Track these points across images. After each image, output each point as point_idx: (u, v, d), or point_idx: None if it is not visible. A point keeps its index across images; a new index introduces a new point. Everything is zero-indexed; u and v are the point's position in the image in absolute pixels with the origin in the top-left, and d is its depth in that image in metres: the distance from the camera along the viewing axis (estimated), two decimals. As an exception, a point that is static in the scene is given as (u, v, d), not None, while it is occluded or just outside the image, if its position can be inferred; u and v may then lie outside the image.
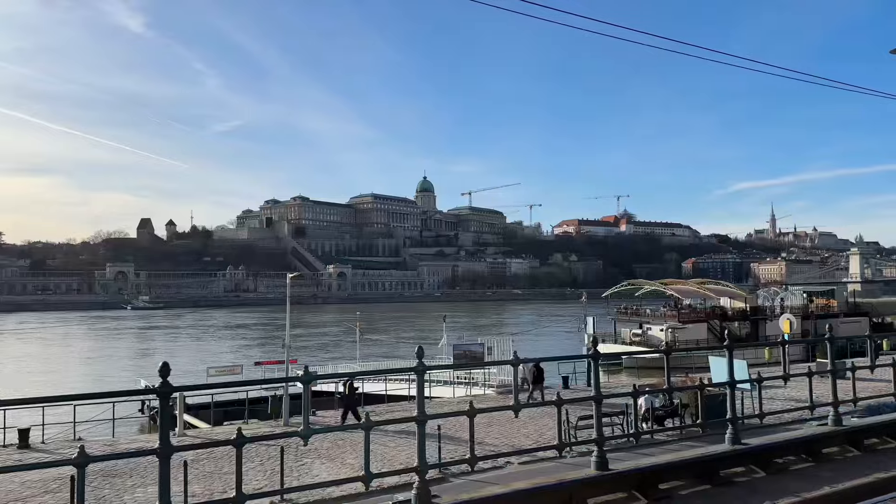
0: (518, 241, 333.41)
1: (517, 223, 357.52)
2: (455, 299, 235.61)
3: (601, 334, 56.97)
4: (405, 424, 6.51)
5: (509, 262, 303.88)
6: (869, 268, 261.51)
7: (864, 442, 9.93)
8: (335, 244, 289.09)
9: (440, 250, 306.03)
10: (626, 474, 7.63)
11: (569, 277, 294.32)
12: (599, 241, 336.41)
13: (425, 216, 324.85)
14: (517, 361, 8.26)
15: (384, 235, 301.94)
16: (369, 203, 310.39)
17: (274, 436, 8.02)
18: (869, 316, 59.64)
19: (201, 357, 63.80)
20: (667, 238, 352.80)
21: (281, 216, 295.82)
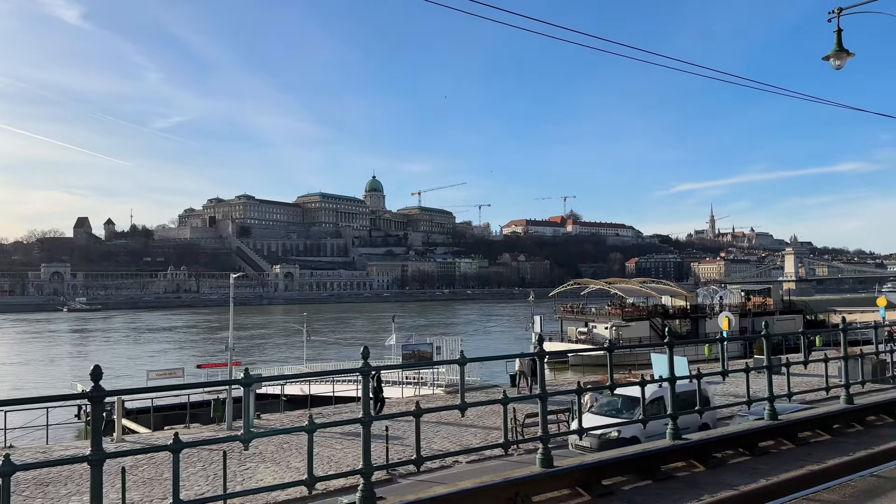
0: (467, 240, 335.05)
1: (466, 223, 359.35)
2: (404, 299, 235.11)
3: (548, 333, 57.74)
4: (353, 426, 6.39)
5: (458, 262, 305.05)
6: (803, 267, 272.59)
7: (797, 435, 10.27)
8: (282, 244, 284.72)
9: (389, 250, 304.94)
10: (570, 471, 7.70)
11: (517, 277, 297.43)
12: (547, 241, 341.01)
13: (374, 216, 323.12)
14: (464, 360, 8.24)
15: (332, 235, 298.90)
16: (317, 202, 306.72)
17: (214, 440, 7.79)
18: (803, 313, 62.02)
19: (141, 360, 61.93)
20: (611, 238, 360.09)
21: (225, 215, 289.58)
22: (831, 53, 15.68)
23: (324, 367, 39.23)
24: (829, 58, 15.70)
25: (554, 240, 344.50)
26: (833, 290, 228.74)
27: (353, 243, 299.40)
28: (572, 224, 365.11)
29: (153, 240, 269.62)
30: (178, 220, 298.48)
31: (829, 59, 15.76)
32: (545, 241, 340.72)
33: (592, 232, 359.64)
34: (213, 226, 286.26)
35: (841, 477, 6.90)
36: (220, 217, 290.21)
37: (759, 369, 12.01)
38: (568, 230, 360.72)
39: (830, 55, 15.67)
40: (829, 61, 15.78)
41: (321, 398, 31.50)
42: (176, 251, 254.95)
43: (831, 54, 15.67)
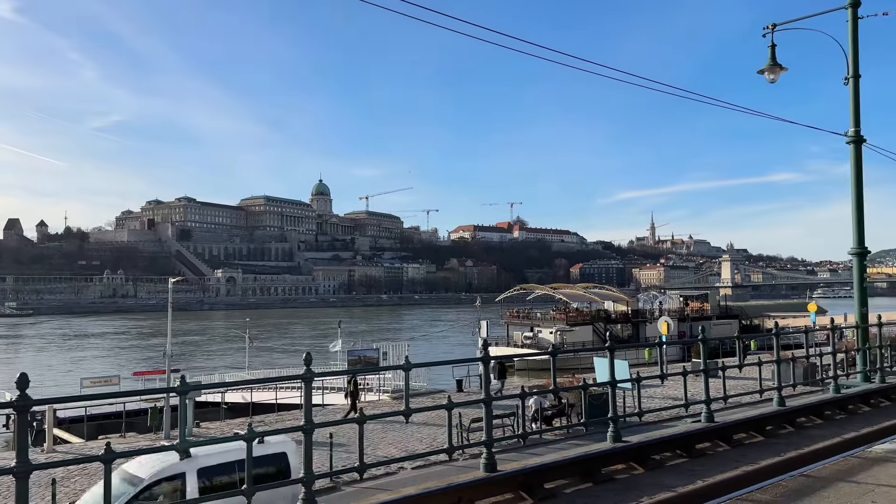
0: (415, 245, 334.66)
1: (414, 228, 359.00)
2: (351, 304, 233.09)
3: (494, 337, 58.09)
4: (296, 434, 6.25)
5: (406, 267, 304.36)
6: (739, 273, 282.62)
7: (733, 437, 10.59)
8: (224, 247, 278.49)
9: (336, 255, 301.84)
10: (513, 475, 7.74)
11: (465, 282, 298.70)
12: (494, 246, 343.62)
13: (321, 220, 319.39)
14: (408, 366, 8.20)
15: (277, 239, 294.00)
16: (261, 205, 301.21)
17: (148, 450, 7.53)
18: (738, 318, 64.02)
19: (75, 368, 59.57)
20: (556, 244, 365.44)
21: (165, 217, 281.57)
22: (766, 67, 16.33)
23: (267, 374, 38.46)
24: (764, 71, 16.35)
25: (501, 245, 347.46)
26: (767, 295, 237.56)
27: (299, 247, 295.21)
28: (519, 230, 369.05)
29: (89, 243, 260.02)
30: (115, 222, 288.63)
31: (764, 73, 16.41)
32: (492, 246, 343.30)
33: (538, 238, 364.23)
34: (151, 228, 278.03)
35: (773, 477, 7.12)
36: (159, 219, 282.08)
37: (696, 373, 12.34)
38: (515, 236, 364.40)
39: (765, 69, 16.31)
40: (764, 75, 16.44)
41: (264, 406, 30.91)
42: (113, 254, 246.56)
43: (766, 68, 16.31)
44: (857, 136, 16.48)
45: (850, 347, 18.95)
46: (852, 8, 16.12)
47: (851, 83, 16.40)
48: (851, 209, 16.75)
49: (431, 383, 33.94)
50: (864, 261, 16.96)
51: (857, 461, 7.43)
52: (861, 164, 16.64)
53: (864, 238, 16.73)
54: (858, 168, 16.63)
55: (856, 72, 16.34)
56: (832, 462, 7.42)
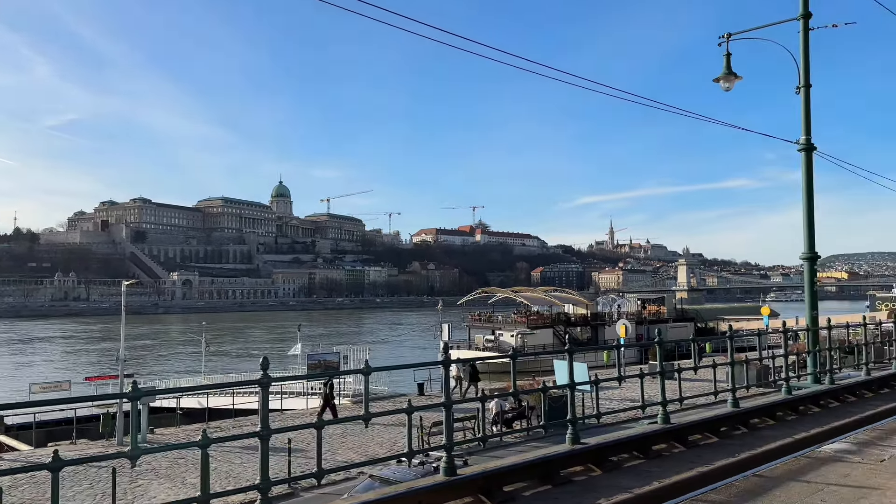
0: (377, 248, 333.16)
1: (376, 231, 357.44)
2: (311, 308, 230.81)
3: (456, 341, 58.15)
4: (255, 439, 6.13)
5: (368, 270, 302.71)
6: (694, 277, 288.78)
7: (688, 438, 10.76)
8: (180, 250, 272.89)
9: (296, 257, 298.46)
10: (473, 478, 7.73)
11: (427, 285, 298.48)
12: (456, 249, 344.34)
13: (281, 222, 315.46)
14: (368, 370, 8.12)
15: (235, 241, 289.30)
16: (219, 207, 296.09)
17: (97, 458, 7.29)
18: (694, 321, 65.27)
19: (24, 373, 57.64)
20: (518, 248, 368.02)
21: (119, 219, 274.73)
22: (721, 76, 16.70)
23: (224, 379, 37.81)
24: (719, 80, 16.72)
25: (463, 249, 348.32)
26: (722, 299, 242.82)
27: (258, 250, 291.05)
28: (481, 233, 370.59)
29: (39, 244, 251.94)
30: (67, 223, 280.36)
31: (719, 81, 16.78)
32: (454, 249, 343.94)
33: (500, 242, 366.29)
34: (105, 230, 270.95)
35: (727, 477, 7.25)
36: (113, 221, 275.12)
37: (653, 374, 12.53)
38: (477, 239, 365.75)
39: (720, 77, 16.68)
40: (720, 83, 16.82)
41: (220, 411, 30.37)
42: (64, 256, 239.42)
43: (721, 76, 16.68)
44: (808, 144, 16.97)
45: (801, 350, 19.47)
46: (804, 19, 16.61)
47: (803, 92, 16.88)
48: (802, 215, 17.23)
49: (393, 387, 33.79)
50: (814, 265, 17.46)
51: (807, 461, 7.62)
52: (812, 172, 17.13)
53: (814, 243, 17.22)
54: (809, 175, 17.12)
55: (807, 81, 16.82)
56: (783, 462, 7.59)
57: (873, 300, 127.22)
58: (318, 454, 7.55)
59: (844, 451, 8.03)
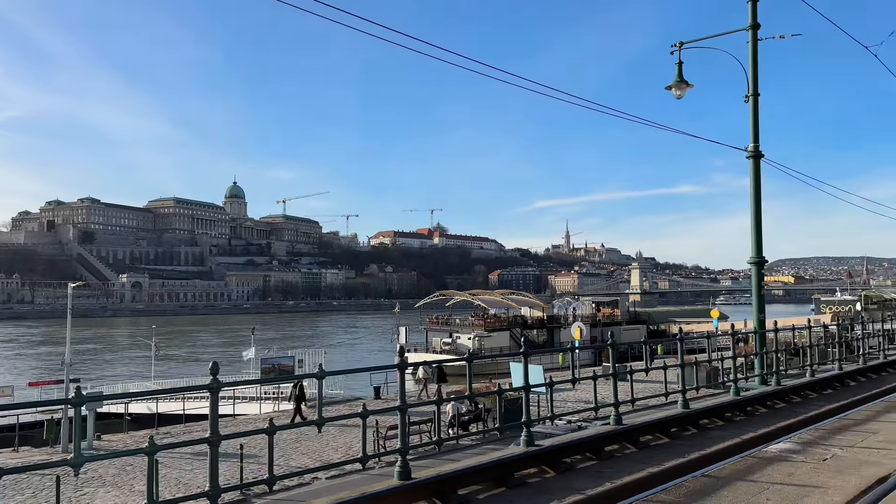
0: (334, 251, 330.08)
1: (334, 233, 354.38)
2: (266, 311, 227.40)
3: (413, 344, 58.05)
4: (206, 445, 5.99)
5: (325, 273, 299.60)
6: (647, 281, 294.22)
7: (640, 439, 10.93)
8: (130, 251, 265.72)
9: (251, 260, 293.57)
10: (427, 482, 7.71)
11: (385, 288, 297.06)
12: (414, 252, 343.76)
13: (235, 223, 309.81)
14: (322, 374, 8.03)
15: (188, 243, 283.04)
16: (171, 207, 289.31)
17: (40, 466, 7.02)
18: (647, 324, 66.51)
19: (-39, 379, 55.18)
20: (476, 251, 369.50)
21: (66, 219, 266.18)
22: (673, 83, 17.05)
23: (174, 384, 36.92)
24: (671, 87, 17.08)
25: (421, 251, 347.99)
26: (673, 302, 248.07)
27: (211, 252, 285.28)
28: (439, 236, 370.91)
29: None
30: (10, 223, 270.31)
31: (671, 89, 17.14)
32: (412, 252, 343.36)
33: (458, 245, 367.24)
34: (51, 230, 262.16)
35: (677, 478, 7.37)
36: (60, 221, 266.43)
37: (606, 376, 12.69)
38: (435, 242, 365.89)
39: (672, 85, 17.03)
40: (671, 91, 17.18)
41: (171, 417, 29.65)
42: (7, 257, 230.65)
43: (673, 84, 17.03)
44: (756, 152, 17.46)
45: (749, 352, 19.98)
46: (753, 30, 17.09)
47: (751, 101, 17.37)
48: (750, 221, 17.72)
49: (349, 391, 33.50)
50: (761, 269, 17.96)
51: (753, 461, 7.80)
52: (759, 178, 17.63)
53: (762, 248, 17.72)
54: (757, 182, 17.61)
55: (755, 90, 17.31)
56: (731, 462, 7.76)
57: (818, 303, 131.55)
58: (269, 460, 7.43)
59: (789, 451, 8.25)
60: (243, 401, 31.25)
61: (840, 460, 7.73)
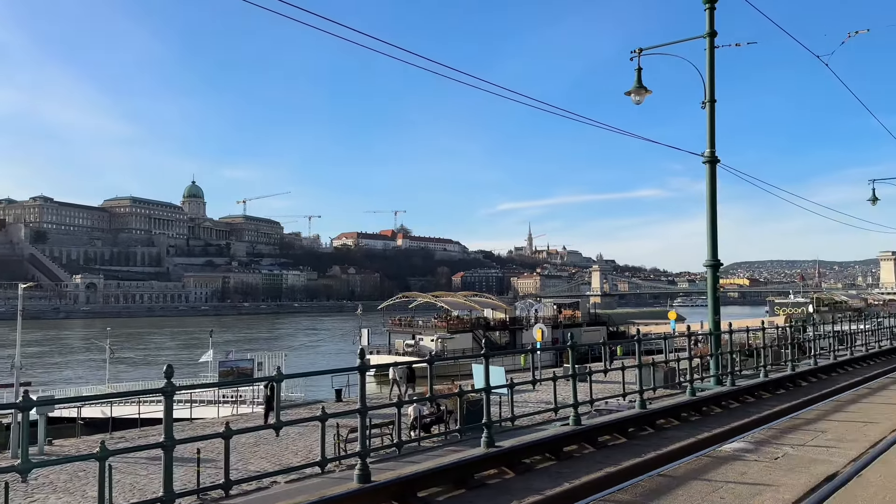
0: (296, 252, 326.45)
1: (295, 234, 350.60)
2: (225, 313, 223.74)
3: (376, 346, 57.78)
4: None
5: (286, 274, 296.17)
6: (607, 283, 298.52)
7: (598, 439, 11.06)
8: (84, 251, 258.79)
9: (210, 260, 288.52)
10: (387, 485, 7.68)
11: (347, 290, 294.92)
12: (377, 254, 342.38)
13: (193, 223, 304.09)
14: (280, 377, 7.93)
15: (144, 243, 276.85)
16: (127, 207, 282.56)
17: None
18: (606, 325, 67.30)
19: None
20: (439, 253, 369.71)
21: (17, 218, 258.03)
22: (632, 89, 17.32)
23: (130, 387, 36.08)
24: (630, 93, 17.35)
25: (384, 253, 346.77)
26: (632, 303, 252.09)
27: (168, 252, 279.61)
28: (403, 238, 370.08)
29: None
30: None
31: (631, 95, 17.41)
32: (376, 254, 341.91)
33: (422, 246, 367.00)
34: (2, 230, 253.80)
35: (634, 477, 7.47)
36: (11, 220, 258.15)
37: (566, 377, 12.82)
38: (398, 244, 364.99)
39: (631, 91, 17.30)
40: (631, 96, 17.45)
41: (125, 421, 28.94)
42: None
43: (632, 90, 17.30)
44: (712, 157, 17.84)
45: (704, 353, 20.39)
46: (710, 37, 17.46)
47: (708, 107, 17.74)
48: (706, 224, 18.09)
49: (310, 394, 33.18)
50: (717, 272, 18.37)
51: (708, 460, 7.96)
52: (715, 183, 18.02)
53: (717, 251, 18.11)
54: (713, 186, 18.00)
55: (712, 97, 17.69)
56: (686, 462, 7.90)
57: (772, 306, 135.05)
58: (225, 464, 7.30)
59: (743, 450, 8.44)
60: (201, 404, 30.69)
61: (791, 459, 7.94)
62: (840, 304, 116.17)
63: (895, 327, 35.24)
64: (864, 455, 7.87)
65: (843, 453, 8.12)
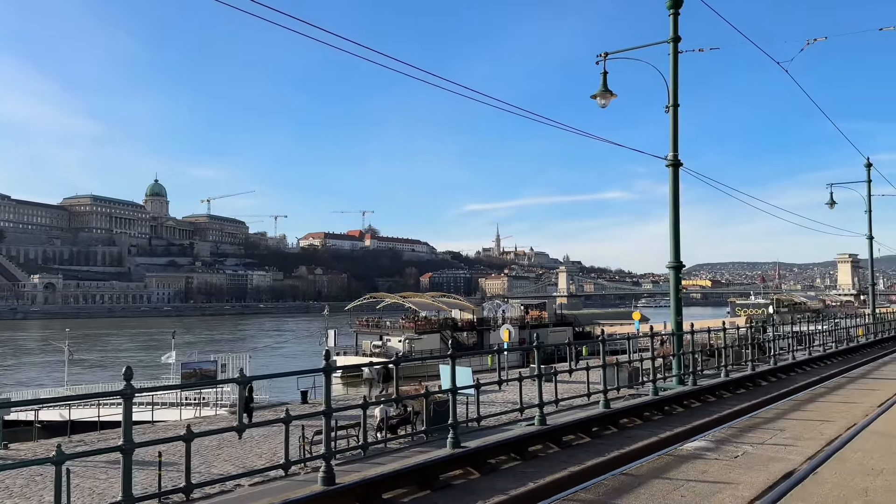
0: (261, 252, 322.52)
1: (261, 234, 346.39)
2: (189, 314, 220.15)
3: (343, 347, 57.46)
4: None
5: (251, 275, 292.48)
6: (573, 284, 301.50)
7: (563, 438, 11.15)
8: (43, 251, 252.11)
9: (172, 260, 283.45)
10: (351, 487, 7.63)
11: (314, 290, 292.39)
12: (345, 254, 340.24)
13: (156, 223, 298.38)
14: (244, 379, 7.83)
15: (105, 242, 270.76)
16: (87, 205, 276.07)
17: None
18: (573, 326, 67.98)
19: None
20: (407, 253, 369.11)
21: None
22: (598, 93, 17.51)
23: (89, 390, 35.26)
24: (596, 96, 17.54)
25: (352, 253, 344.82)
26: (598, 304, 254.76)
27: (130, 252, 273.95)
28: (370, 238, 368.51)
29: None
30: None
31: (596, 98, 17.60)
32: (343, 254, 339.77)
33: (390, 247, 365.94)
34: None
35: (597, 476, 7.54)
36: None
37: (532, 378, 12.91)
38: (366, 244, 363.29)
39: (597, 94, 17.49)
40: (596, 100, 17.64)
41: (85, 424, 28.31)
42: None
43: (598, 93, 17.49)
44: (675, 161, 18.13)
45: (667, 353, 20.69)
46: (674, 42, 17.75)
47: (672, 111, 18.02)
48: (669, 227, 18.38)
49: (275, 396, 32.83)
50: (679, 274, 18.67)
51: (669, 459, 8.07)
52: (678, 186, 18.31)
53: (679, 253, 18.41)
54: (676, 189, 18.29)
55: (675, 101, 17.98)
56: (648, 460, 8.01)
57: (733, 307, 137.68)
58: (186, 467, 7.18)
59: (703, 449, 8.59)
60: (163, 407, 30.18)
61: (750, 457, 8.10)
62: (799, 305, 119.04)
63: (852, 328, 36.24)
64: (821, 453, 8.07)
65: (801, 451, 8.31)
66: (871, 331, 37.54)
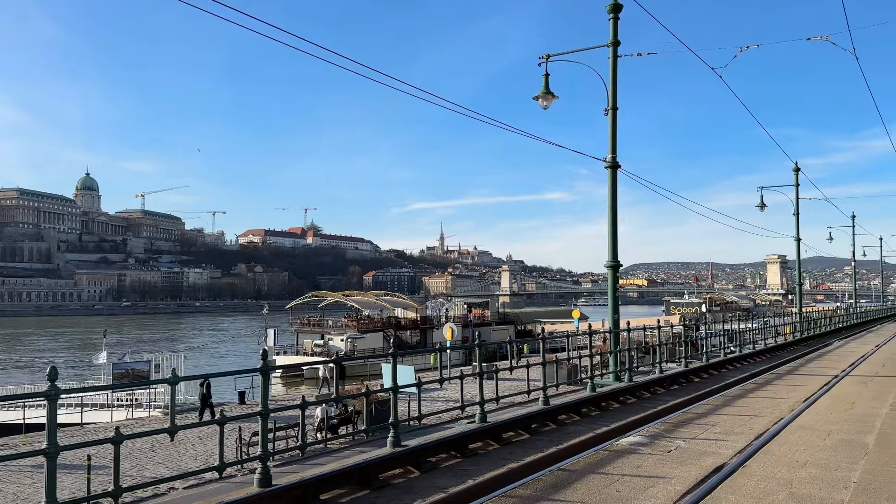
0: (198, 249, 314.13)
1: (198, 230, 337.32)
2: (121, 312, 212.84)
3: (283, 346, 56.52)
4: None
5: (187, 272, 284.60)
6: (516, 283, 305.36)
7: (503, 435, 11.23)
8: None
9: (104, 257, 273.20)
10: (289, 488, 7.50)
11: (253, 289, 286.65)
12: (286, 252, 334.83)
13: (87, 218, 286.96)
14: (175, 379, 7.58)
15: (32, 238, 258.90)
16: (13, 199, 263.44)
17: None
18: (515, 324, 68.78)
19: None
20: (351, 251, 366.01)
21: None
22: (540, 94, 17.70)
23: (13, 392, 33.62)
24: (538, 98, 17.74)
25: (293, 251, 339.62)
26: (540, 303, 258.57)
27: (59, 248, 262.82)
28: (313, 236, 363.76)
29: None
30: None
31: (538, 99, 17.80)
32: (284, 252, 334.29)
33: (333, 245, 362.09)
34: None
35: (535, 472, 7.61)
36: None
37: (473, 376, 12.96)
38: (308, 242, 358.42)
39: (539, 96, 17.68)
40: (538, 101, 17.84)
41: (8, 427, 26.99)
42: None
43: (540, 95, 17.68)
44: (614, 163, 18.51)
45: (605, 350, 21.12)
46: (613, 46, 18.11)
47: (610, 114, 18.39)
48: (607, 227, 18.76)
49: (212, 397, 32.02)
50: (617, 273, 19.08)
51: (606, 454, 8.22)
52: (616, 188, 18.70)
53: (617, 253, 18.81)
54: (614, 191, 18.67)
55: (614, 104, 18.35)
56: (585, 456, 8.12)
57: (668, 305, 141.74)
58: (115, 470, 6.89)
59: (638, 444, 8.77)
60: (93, 409, 29.07)
61: (683, 452, 8.31)
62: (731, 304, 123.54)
63: (780, 326, 37.79)
64: (749, 447, 8.35)
65: (731, 445, 8.58)
66: (797, 329, 39.23)
